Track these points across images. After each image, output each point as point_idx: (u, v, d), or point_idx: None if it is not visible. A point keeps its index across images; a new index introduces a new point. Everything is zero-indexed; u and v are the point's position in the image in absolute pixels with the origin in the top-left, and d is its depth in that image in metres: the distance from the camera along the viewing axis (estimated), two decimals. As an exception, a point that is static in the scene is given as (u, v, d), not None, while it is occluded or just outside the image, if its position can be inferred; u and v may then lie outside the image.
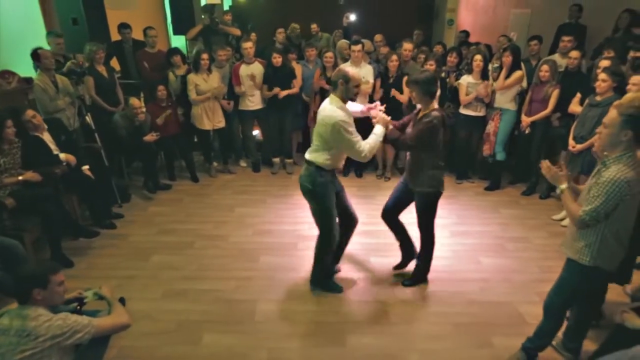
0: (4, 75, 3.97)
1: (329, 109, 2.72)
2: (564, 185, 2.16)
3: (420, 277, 3.30)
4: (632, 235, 2.39)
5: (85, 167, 3.86)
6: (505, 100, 4.64)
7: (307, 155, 2.94)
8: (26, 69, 4.28)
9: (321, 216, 2.95)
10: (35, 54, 3.96)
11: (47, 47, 4.40)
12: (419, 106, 2.98)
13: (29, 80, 4.19)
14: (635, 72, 3.50)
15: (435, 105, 2.88)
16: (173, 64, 5.08)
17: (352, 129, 2.72)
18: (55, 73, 4.12)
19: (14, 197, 3.20)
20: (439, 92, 3.21)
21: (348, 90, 2.72)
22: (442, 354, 2.64)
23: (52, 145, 3.70)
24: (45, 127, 3.68)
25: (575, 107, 4.08)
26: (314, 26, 7.04)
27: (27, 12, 4.70)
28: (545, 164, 2.22)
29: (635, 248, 2.59)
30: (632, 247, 2.50)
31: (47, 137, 3.69)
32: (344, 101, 2.76)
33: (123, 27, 5.48)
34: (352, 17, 6.91)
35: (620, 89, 3.49)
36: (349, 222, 3.15)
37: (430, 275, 3.38)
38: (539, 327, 2.46)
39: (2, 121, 3.18)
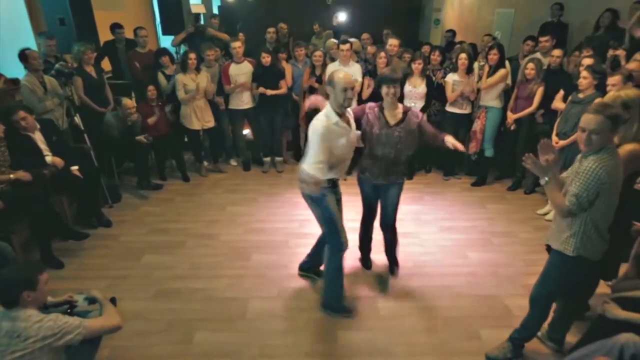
0: (-10, 76, 3.90)
1: (317, 116, 2.61)
2: (548, 177, 2.18)
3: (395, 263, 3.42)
4: (615, 232, 2.44)
5: (75, 168, 3.81)
6: (490, 98, 4.68)
7: (303, 165, 2.79)
8: (13, 70, 4.19)
9: (324, 220, 2.81)
10: (23, 55, 3.88)
11: (34, 48, 4.33)
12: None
13: (15, 82, 4.11)
14: (613, 70, 3.55)
15: (400, 105, 2.95)
16: (162, 65, 5.03)
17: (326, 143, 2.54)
18: (43, 74, 4.05)
19: (1, 199, 3.14)
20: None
21: (337, 96, 2.53)
22: (431, 347, 2.66)
23: (43, 146, 3.65)
24: (38, 126, 3.62)
25: (558, 103, 4.13)
26: (315, 26, 7.05)
27: (13, 12, 4.61)
28: (530, 159, 2.23)
29: (619, 244, 2.64)
30: (617, 244, 2.55)
31: (38, 137, 3.63)
32: (339, 110, 2.59)
33: (117, 27, 5.40)
34: (341, 18, 6.91)
35: (601, 87, 3.54)
36: None
37: (418, 270, 3.42)
38: (525, 318, 2.49)
39: None
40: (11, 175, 3.26)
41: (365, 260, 3.51)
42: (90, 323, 1.98)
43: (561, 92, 4.13)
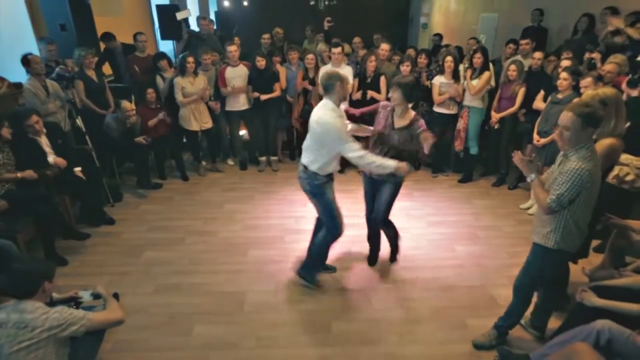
0: (-6, 81, 3.86)
1: (323, 112, 2.69)
2: (533, 175, 2.22)
3: (395, 252, 3.45)
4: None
5: (77, 169, 3.78)
6: (472, 98, 4.69)
7: (303, 160, 2.89)
8: (16, 74, 4.15)
9: (324, 211, 2.93)
10: (25, 60, 3.85)
11: (36, 53, 4.29)
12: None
13: (18, 85, 4.07)
14: (590, 72, 3.60)
15: (412, 112, 2.95)
16: (160, 68, 5.00)
17: (345, 134, 2.70)
18: (45, 78, 4.02)
19: (6, 199, 3.12)
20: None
21: (343, 89, 2.71)
22: (420, 336, 2.69)
23: (48, 149, 3.62)
24: (44, 131, 3.61)
25: (539, 103, 4.18)
26: (308, 31, 7.04)
27: (15, 18, 4.55)
28: (517, 155, 2.26)
29: (591, 228, 2.69)
30: (589, 228, 2.59)
31: (44, 140, 3.61)
32: (338, 104, 2.74)
33: (106, 38, 5.31)
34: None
35: (578, 87, 3.58)
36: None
37: (409, 263, 3.44)
38: (509, 307, 2.53)
39: (0, 121, 3.18)
40: (18, 174, 3.24)
41: (372, 257, 3.47)
42: (94, 316, 2.02)
43: (542, 93, 4.18)
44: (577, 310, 2.28)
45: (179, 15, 6.25)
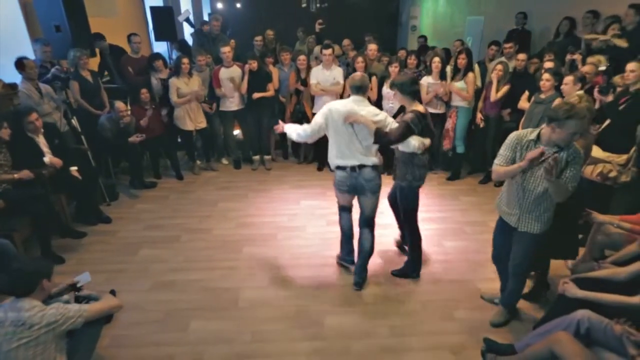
0: (-12, 82, 3.80)
1: (372, 109, 2.79)
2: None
3: (408, 270, 3.23)
4: (573, 216, 2.55)
5: (74, 169, 3.74)
6: (460, 99, 4.75)
7: (367, 161, 2.84)
8: (10, 75, 4.09)
9: (375, 207, 3.03)
10: (20, 64, 3.79)
11: (30, 53, 4.23)
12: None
13: (13, 86, 4.01)
14: (571, 72, 3.67)
15: (416, 105, 2.82)
16: (155, 69, 4.96)
17: None
18: (37, 81, 3.96)
19: (3, 198, 3.08)
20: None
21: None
22: (410, 329, 2.71)
23: (46, 149, 3.58)
24: (42, 130, 3.57)
25: (523, 103, 4.23)
26: (300, 32, 7.04)
27: (10, 19, 4.47)
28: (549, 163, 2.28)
29: (578, 228, 2.76)
30: (575, 228, 2.67)
31: (41, 140, 3.58)
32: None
33: (97, 37, 5.23)
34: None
35: (559, 88, 3.64)
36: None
37: (399, 258, 3.46)
38: (510, 288, 2.67)
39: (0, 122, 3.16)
40: (15, 175, 3.20)
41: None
42: (90, 307, 2.05)
43: (526, 93, 4.23)
44: (559, 301, 2.32)
45: (181, 17, 6.22)
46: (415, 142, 2.75)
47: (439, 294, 3.05)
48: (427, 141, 2.84)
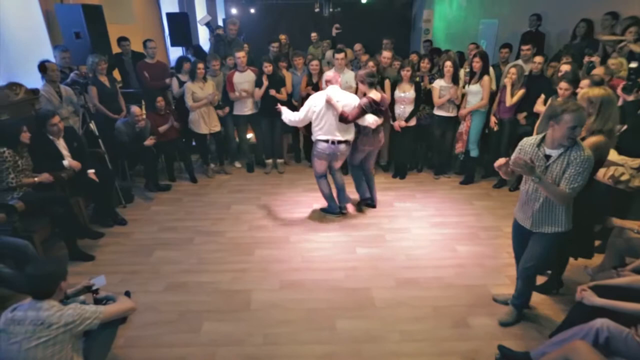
0: (12, 87, 3.89)
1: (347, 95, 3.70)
2: (536, 176, 2.18)
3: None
4: (587, 216, 2.52)
5: (91, 171, 3.82)
6: (475, 102, 4.68)
7: (343, 138, 3.80)
8: (32, 81, 4.20)
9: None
10: (43, 67, 3.92)
11: (51, 59, 4.34)
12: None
13: (35, 92, 4.12)
14: (589, 75, 3.57)
15: (373, 92, 3.73)
16: (181, 71, 5.09)
17: None
18: (59, 84, 4.08)
19: (23, 200, 3.15)
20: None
21: None
22: (422, 334, 2.67)
23: (65, 152, 3.66)
24: (62, 133, 3.67)
25: (539, 106, 4.14)
26: (313, 35, 7.06)
27: (32, 26, 4.61)
28: (519, 162, 2.17)
29: (591, 229, 2.71)
30: (590, 228, 2.63)
31: (61, 143, 3.66)
32: None
33: (122, 39, 5.44)
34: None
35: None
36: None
37: (411, 263, 3.42)
38: (519, 289, 2.68)
39: (19, 127, 3.23)
40: (36, 179, 3.28)
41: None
42: (105, 309, 2.08)
43: (542, 96, 4.14)
44: (576, 309, 2.26)
45: (202, 20, 6.30)
46: (370, 119, 3.73)
47: (451, 300, 3.00)
48: (380, 119, 3.83)
